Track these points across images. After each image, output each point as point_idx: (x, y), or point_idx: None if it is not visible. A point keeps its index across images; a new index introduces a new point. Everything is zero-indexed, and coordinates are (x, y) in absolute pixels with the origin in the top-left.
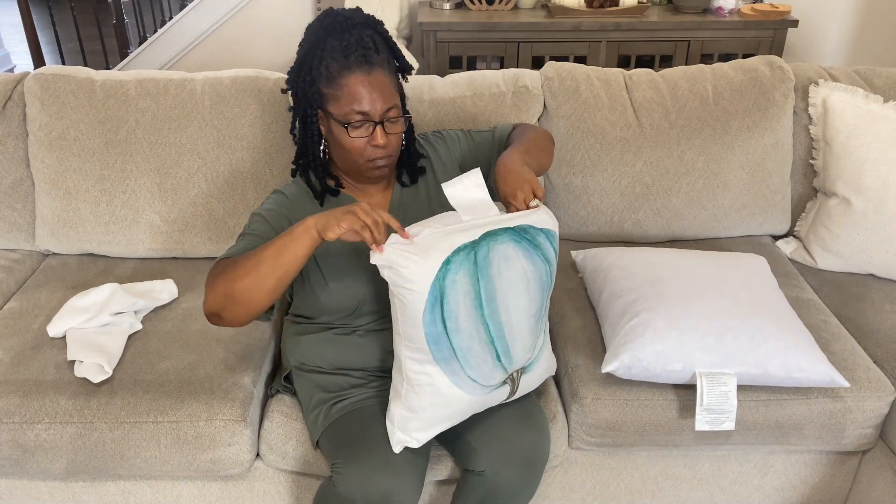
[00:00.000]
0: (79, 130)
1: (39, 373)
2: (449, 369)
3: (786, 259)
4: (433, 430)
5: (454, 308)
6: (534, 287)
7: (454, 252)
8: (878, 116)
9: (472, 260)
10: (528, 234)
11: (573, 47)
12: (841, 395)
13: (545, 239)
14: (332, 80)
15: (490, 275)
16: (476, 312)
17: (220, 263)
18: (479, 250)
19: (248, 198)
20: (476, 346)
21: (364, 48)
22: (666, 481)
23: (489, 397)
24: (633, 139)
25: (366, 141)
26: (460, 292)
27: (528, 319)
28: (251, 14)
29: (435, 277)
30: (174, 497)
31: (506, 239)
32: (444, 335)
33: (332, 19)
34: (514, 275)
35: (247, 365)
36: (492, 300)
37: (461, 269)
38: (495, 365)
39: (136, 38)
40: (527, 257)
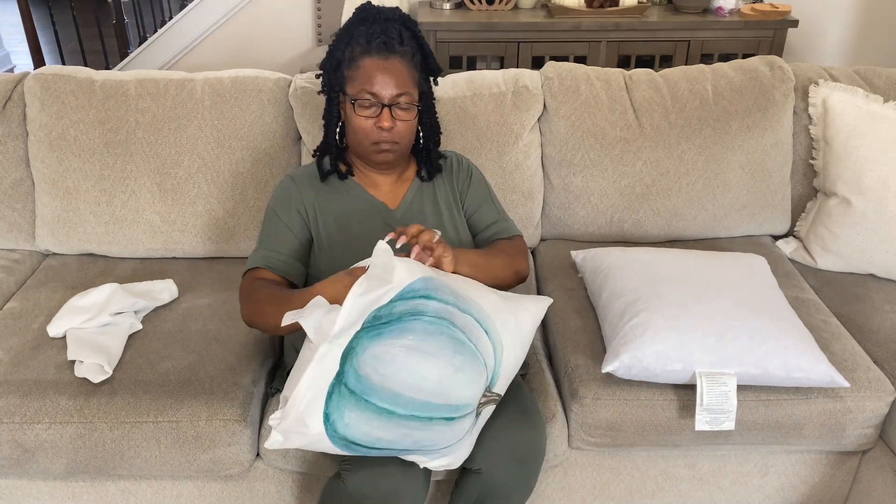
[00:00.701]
0: (79, 130)
1: (39, 373)
2: (423, 454)
3: (786, 259)
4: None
5: (368, 438)
6: (430, 344)
7: (326, 403)
8: (878, 116)
9: (346, 394)
10: (381, 319)
11: (573, 47)
12: (841, 395)
13: (402, 302)
14: (352, 63)
15: (374, 385)
16: (393, 420)
17: (248, 285)
18: (346, 380)
19: (248, 198)
20: (421, 435)
21: (387, 37)
22: (666, 481)
23: (479, 423)
24: (633, 139)
25: (373, 122)
26: (361, 425)
27: (450, 367)
28: (251, 14)
29: (328, 437)
30: (174, 497)
31: (364, 344)
32: (387, 450)
33: (366, 12)
34: (399, 361)
35: (247, 365)
36: (397, 398)
37: (344, 410)
38: (452, 424)
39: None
40: (398, 335)
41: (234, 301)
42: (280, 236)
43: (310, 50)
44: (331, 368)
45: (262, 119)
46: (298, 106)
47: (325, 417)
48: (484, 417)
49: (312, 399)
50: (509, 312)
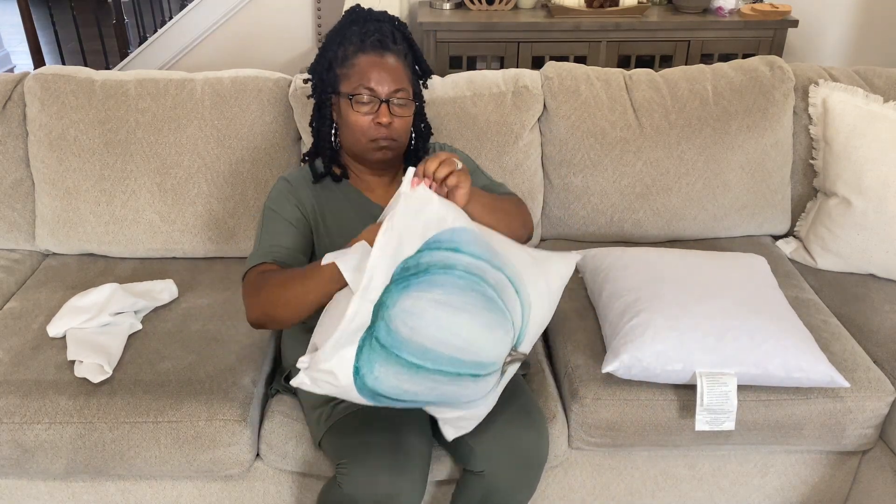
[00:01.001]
0: (79, 130)
1: (39, 373)
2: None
3: (786, 259)
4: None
5: (398, 391)
6: (458, 299)
7: (356, 356)
8: (878, 116)
9: (376, 347)
10: (409, 270)
11: (573, 47)
12: (841, 395)
13: (429, 252)
14: (346, 61)
15: (404, 339)
16: (422, 374)
17: (255, 278)
18: (377, 333)
19: (248, 198)
20: (448, 388)
21: (382, 35)
22: (666, 481)
23: (504, 381)
24: (633, 139)
25: (371, 119)
26: (391, 379)
27: (479, 324)
28: (251, 14)
29: (357, 389)
30: (174, 497)
31: (394, 297)
32: (413, 402)
33: (357, 14)
34: (429, 316)
35: (247, 365)
36: (426, 353)
37: (374, 364)
38: (478, 380)
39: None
40: (427, 289)
41: (234, 301)
42: (281, 231)
43: (310, 50)
44: (361, 325)
45: (262, 119)
46: (298, 106)
47: (354, 371)
48: (508, 376)
49: (343, 355)
50: (539, 272)
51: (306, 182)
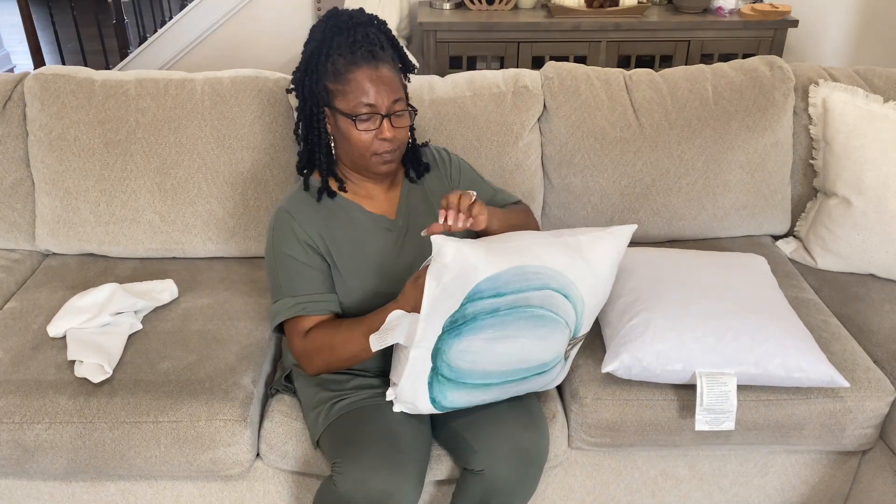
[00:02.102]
0: (79, 130)
1: (39, 373)
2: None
3: (786, 259)
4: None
5: (475, 401)
6: (510, 328)
7: (429, 390)
8: (878, 116)
9: (444, 381)
10: (457, 322)
11: (573, 47)
12: (841, 395)
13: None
14: (339, 76)
15: (467, 370)
16: (491, 388)
17: (300, 338)
18: (441, 371)
19: (248, 198)
20: (519, 387)
21: (370, 44)
22: (666, 481)
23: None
24: (633, 139)
25: (373, 134)
26: (465, 397)
27: (533, 346)
28: (251, 14)
29: (439, 409)
30: (174, 497)
31: (448, 343)
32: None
33: (337, 19)
34: (485, 351)
35: (247, 365)
36: (489, 374)
37: (446, 392)
38: (545, 373)
39: (136, 38)
40: (476, 332)
41: (234, 301)
42: (303, 277)
43: None
44: (424, 368)
45: (262, 119)
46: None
47: (431, 401)
48: (574, 353)
49: (416, 391)
50: (582, 264)
51: (307, 207)
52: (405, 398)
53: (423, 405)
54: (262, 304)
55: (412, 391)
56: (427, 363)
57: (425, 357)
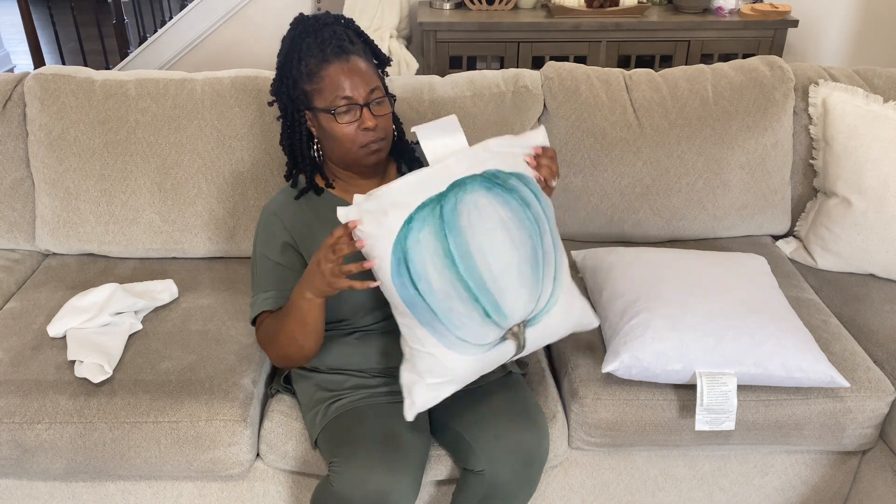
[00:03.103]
0: (79, 130)
1: (39, 373)
2: (436, 332)
3: (786, 259)
4: (438, 395)
5: (421, 269)
6: (516, 233)
7: (417, 209)
8: (878, 116)
9: (437, 215)
10: (498, 179)
11: (573, 47)
12: (841, 395)
13: (518, 181)
14: (312, 76)
15: (460, 228)
16: (449, 271)
17: (261, 333)
18: (445, 204)
19: (248, 198)
20: (458, 306)
21: (339, 40)
22: (666, 481)
23: (491, 355)
24: (633, 139)
25: (356, 126)
26: (426, 251)
27: (519, 268)
28: (251, 14)
29: (395, 240)
30: (174, 497)
31: (475, 187)
32: (419, 297)
33: (304, 24)
34: (489, 224)
35: (247, 365)
36: (466, 255)
37: (425, 227)
38: (484, 322)
39: (136, 38)
40: (502, 203)
41: (235, 301)
42: (276, 276)
43: None
44: (437, 186)
45: (262, 119)
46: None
47: (408, 219)
48: (496, 355)
49: (407, 197)
50: (570, 294)
51: (293, 207)
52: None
53: (394, 218)
54: None
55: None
56: (442, 184)
57: (445, 177)
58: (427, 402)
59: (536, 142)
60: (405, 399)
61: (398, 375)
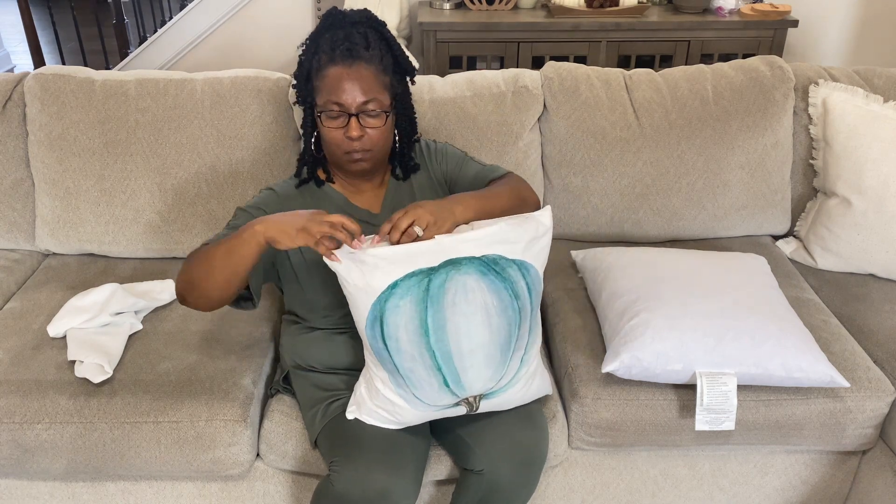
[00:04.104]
0: (79, 130)
1: (39, 373)
2: (395, 381)
3: (786, 259)
4: (383, 423)
5: (394, 331)
6: (497, 320)
7: (405, 276)
8: (878, 116)
9: (423, 287)
10: (497, 266)
11: (573, 47)
12: (841, 395)
13: (517, 271)
14: (319, 73)
15: (442, 304)
16: (420, 339)
17: (194, 251)
18: (434, 278)
19: (248, 198)
20: (420, 370)
21: (351, 43)
22: (666, 481)
23: (443, 412)
24: (633, 139)
25: (342, 132)
26: (402, 317)
27: (488, 350)
28: (251, 14)
29: (376, 299)
30: (174, 497)
31: (469, 269)
32: (386, 352)
33: (333, 18)
34: (472, 308)
35: (247, 365)
36: (440, 329)
37: (408, 295)
38: (441, 389)
39: (136, 38)
40: (491, 290)
41: None
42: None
43: None
44: (432, 259)
45: (262, 119)
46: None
47: (392, 284)
48: (447, 412)
49: (400, 262)
50: (534, 372)
51: (293, 192)
52: (374, 253)
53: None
54: (263, 305)
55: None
56: (436, 259)
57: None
58: (369, 419)
59: (544, 226)
60: (351, 400)
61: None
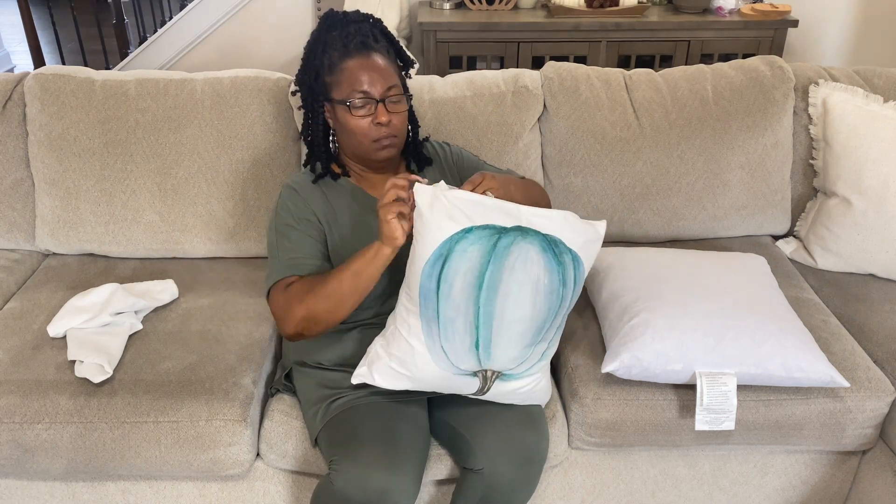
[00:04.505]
0: (79, 130)
1: (39, 373)
2: (428, 329)
3: (786, 259)
4: (393, 383)
5: (452, 275)
6: (541, 299)
7: (480, 226)
8: (878, 116)
9: (492, 242)
10: (557, 248)
11: (573, 47)
12: (841, 395)
13: (570, 261)
14: (333, 68)
15: (503, 265)
16: (472, 291)
17: (285, 293)
18: (503, 237)
19: (248, 198)
20: (459, 323)
21: (363, 36)
22: (666, 481)
23: (455, 381)
24: (633, 139)
25: (370, 120)
26: (465, 264)
27: (524, 327)
28: (251, 14)
29: (448, 238)
30: (174, 497)
31: (534, 241)
32: (435, 295)
33: (333, 18)
34: (526, 278)
35: (247, 365)
36: (493, 289)
37: (477, 243)
38: (471, 350)
39: (136, 38)
40: (547, 268)
41: (235, 301)
42: (298, 242)
43: None
44: (506, 220)
45: (262, 119)
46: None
47: (468, 228)
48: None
49: (478, 212)
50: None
51: (310, 186)
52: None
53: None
54: (263, 305)
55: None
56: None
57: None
58: (380, 382)
59: (598, 234)
60: (362, 362)
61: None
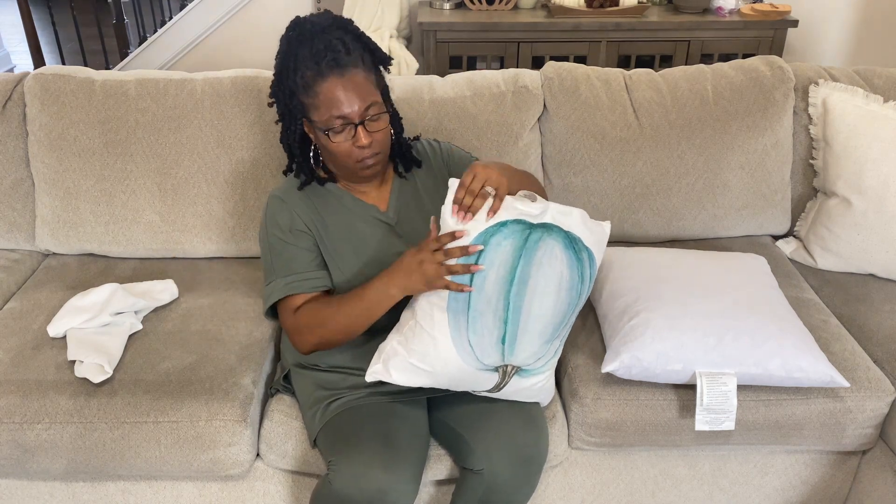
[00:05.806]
0: (79, 130)
1: (39, 373)
2: (455, 322)
3: (786, 259)
4: (411, 379)
5: (487, 267)
6: (563, 295)
7: (513, 220)
8: (878, 116)
9: (523, 237)
10: (576, 245)
11: (573, 47)
12: (841, 395)
13: (587, 258)
14: (308, 90)
15: (532, 260)
16: (503, 285)
17: (291, 315)
18: (532, 233)
19: (248, 198)
20: (488, 316)
21: (334, 52)
22: (666, 481)
23: (475, 376)
24: (633, 139)
25: (350, 144)
26: (499, 257)
27: (546, 322)
28: (251, 14)
29: (484, 230)
30: (174, 497)
31: (558, 238)
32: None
33: (300, 29)
34: (552, 273)
35: (247, 365)
36: (523, 283)
37: (511, 237)
38: (497, 345)
39: (136, 38)
40: (569, 265)
41: (235, 301)
42: (292, 258)
43: None
44: (534, 216)
45: (262, 119)
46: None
47: (503, 222)
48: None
49: (511, 207)
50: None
51: (296, 193)
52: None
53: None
54: (262, 304)
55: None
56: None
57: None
58: (397, 378)
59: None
60: (375, 359)
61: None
